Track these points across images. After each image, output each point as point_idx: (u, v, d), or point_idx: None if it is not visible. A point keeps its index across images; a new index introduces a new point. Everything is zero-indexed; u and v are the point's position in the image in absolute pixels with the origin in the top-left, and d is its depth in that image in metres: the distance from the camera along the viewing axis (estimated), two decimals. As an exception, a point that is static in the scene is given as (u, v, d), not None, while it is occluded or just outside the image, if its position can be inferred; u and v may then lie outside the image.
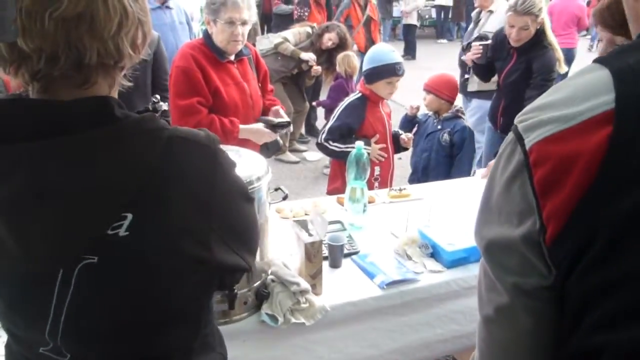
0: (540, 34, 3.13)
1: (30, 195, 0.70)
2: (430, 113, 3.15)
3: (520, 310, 0.67)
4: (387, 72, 2.67)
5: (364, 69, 2.79)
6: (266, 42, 4.94)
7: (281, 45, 4.81)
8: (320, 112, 5.74)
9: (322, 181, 4.68)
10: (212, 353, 0.97)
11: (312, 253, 1.56)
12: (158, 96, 1.53)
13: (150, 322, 0.82)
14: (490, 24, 3.97)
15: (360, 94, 2.77)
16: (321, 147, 2.77)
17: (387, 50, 2.76)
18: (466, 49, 4.00)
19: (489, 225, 0.69)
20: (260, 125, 2.51)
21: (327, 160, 4.49)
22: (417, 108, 3.24)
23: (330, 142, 2.70)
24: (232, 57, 2.47)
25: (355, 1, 5.97)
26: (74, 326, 0.78)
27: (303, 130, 5.89)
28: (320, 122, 5.95)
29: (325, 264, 1.72)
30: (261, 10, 7.50)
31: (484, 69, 3.62)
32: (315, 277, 1.58)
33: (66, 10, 0.68)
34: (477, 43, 3.52)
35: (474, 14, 4.36)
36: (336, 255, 1.77)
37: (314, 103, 5.46)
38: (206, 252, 0.79)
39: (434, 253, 1.82)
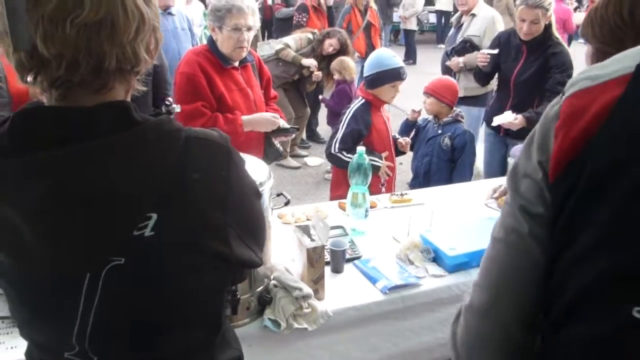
0: (549, 29, 3.18)
1: (57, 201, 0.71)
2: (430, 117, 3.14)
3: (527, 235, 0.72)
4: (392, 76, 2.66)
5: (365, 74, 2.78)
6: (267, 47, 4.96)
7: (282, 51, 4.82)
8: (322, 117, 5.74)
9: (323, 186, 4.68)
10: (230, 349, 0.99)
11: (314, 258, 1.56)
12: (171, 99, 1.54)
13: (175, 320, 0.83)
14: (473, 28, 3.97)
15: (363, 100, 2.76)
16: (334, 158, 2.70)
17: (390, 55, 2.76)
18: (450, 54, 4.00)
19: (523, 153, 0.76)
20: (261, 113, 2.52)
21: (328, 165, 4.50)
22: (419, 112, 3.23)
23: (344, 153, 2.63)
24: (236, 63, 2.49)
25: (356, 6, 5.98)
26: (102, 328, 0.79)
27: (304, 136, 5.90)
28: (321, 128, 5.96)
29: (328, 269, 1.73)
30: (262, 16, 7.52)
31: (485, 75, 3.63)
32: (317, 282, 1.59)
33: (87, 17, 0.69)
34: (486, 52, 3.54)
35: (454, 18, 4.31)
36: (338, 260, 1.77)
37: (319, 96, 5.45)
38: (226, 248, 0.81)
39: (436, 257, 1.82)
